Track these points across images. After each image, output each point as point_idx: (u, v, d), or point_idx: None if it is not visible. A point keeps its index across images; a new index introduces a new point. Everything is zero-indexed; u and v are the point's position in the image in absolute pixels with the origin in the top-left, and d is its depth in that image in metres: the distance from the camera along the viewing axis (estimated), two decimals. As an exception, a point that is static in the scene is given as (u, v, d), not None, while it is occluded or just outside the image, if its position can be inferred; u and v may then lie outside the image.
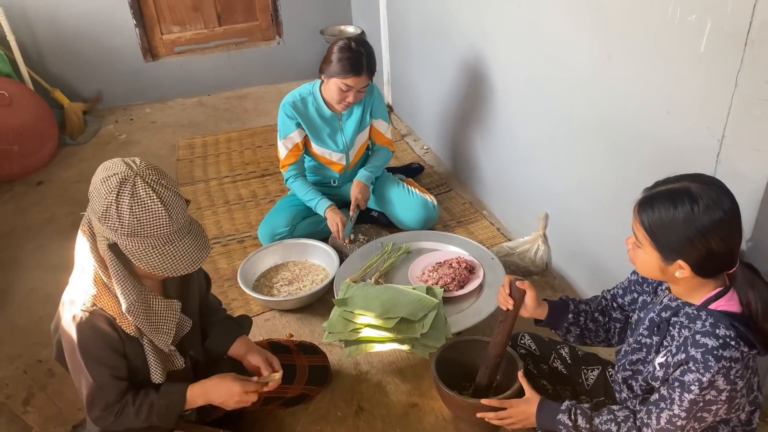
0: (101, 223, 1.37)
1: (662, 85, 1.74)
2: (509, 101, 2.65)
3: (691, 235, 1.26)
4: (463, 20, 2.89)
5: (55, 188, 3.50)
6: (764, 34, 1.38)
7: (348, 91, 2.54)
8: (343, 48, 2.49)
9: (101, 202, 1.35)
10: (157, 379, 1.54)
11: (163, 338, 1.52)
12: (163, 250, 1.39)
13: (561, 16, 2.15)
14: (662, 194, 1.31)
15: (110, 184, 1.34)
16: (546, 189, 2.50)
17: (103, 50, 4.28)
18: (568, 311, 1.65)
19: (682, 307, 1.38)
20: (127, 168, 1.36)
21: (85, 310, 1.43)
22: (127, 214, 1.33)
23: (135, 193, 1.34)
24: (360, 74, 2.50)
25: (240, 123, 4.20)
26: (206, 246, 1.46)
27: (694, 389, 1.28)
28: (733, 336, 1.27)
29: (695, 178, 1.30)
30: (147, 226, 1.35)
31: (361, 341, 2.05)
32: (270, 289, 2.49)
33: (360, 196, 2.73)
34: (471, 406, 1.69)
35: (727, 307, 1.32)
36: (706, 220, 1.25)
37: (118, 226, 1.35)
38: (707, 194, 1.26)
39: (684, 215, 1.27)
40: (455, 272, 2.26)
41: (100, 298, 1.44)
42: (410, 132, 3.90)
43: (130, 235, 1.36)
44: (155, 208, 1.35)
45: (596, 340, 1.68)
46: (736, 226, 1.28)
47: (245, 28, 4.64)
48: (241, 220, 3.08)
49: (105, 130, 4.19)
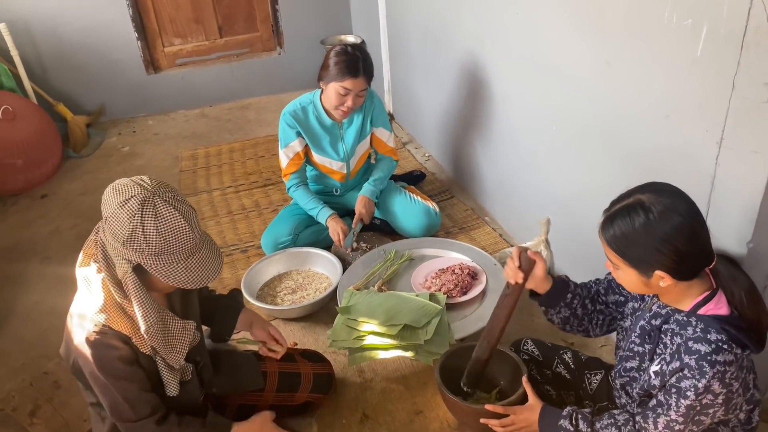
0: (125, 247, 1.37)
1: (661, 89, 1.75)
2: (510, 108, 2.66)
3: (656, 244, 1.28)
4: (462, 28, 2.91)
5: (59, 201, 3.53)
6: (760, 37, 1.39)
7: (346, 95, 2.55)
8: (339, 52, 2.52)
9: (124, 226, 1.35)
10: (172, 392, 1.55)
11: (176, 357, 1.54)
12: (187, 264, 1.41)
13: (559, 22, 2.16)
14: (618, 212, 1.34)
15: (131, 208, 1.35)
16: (548, 194, 2.50)
17: (105, 63, 4.32)
18: (567, 291, 1.63)
19: (671, 314, 1.39)
20: (141, 189, 1.37)
21: (96, 331, 1.44)
22: (153, 235, 1.36)
23: (158, 214, 1.36)
24: (357, 76, 2.51)
25: (242, 133, 4.23)
26: (220, 253, 1.51)
27: (690, 395, 1.29)
28: (725, 339, 1.28)
29: (645, 188, 1.33)
30: (173, 243, 1.38)
31: (365, 349, 2.05)
32: (274, 298, 2.50)
33: (364, 211, 2.73)
34: (475, 412, 1.69)
35: (715, 310, 1.33)
36: (665, 226, 1.27)
37: (144, 248, 1.37)
38: (659, 201, 1.28)
39: (643, 227, 1.29)
40: (458, 278, 2.27)
41: (112, 320, 1.44)
42: (411, 140, 3.92)
43: (157, 254, 1.38)
44: (179, 225, 1.38)
45: (578, 328, 1.66)
46: (698, 224, 1.29)
47: (246, 39, 4.67)
48: (244, 229, 3.09)
49: (108, 143, 4.22)
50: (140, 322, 1.44)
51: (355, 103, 2.59)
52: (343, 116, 2.65)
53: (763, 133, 1.45)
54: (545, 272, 1.60)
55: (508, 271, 1.61)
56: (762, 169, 1.48)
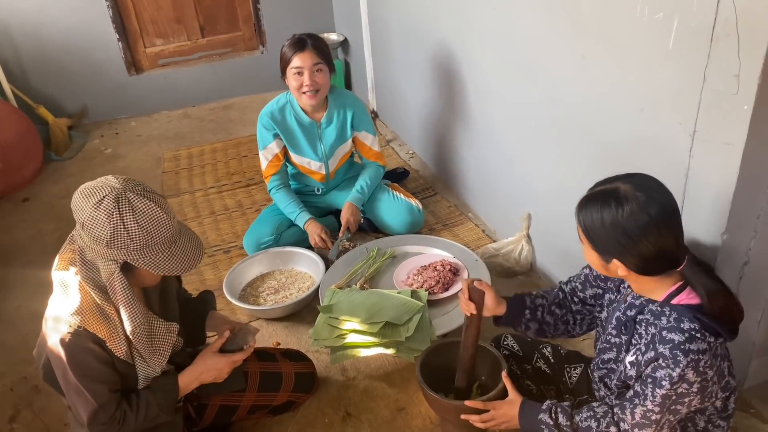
0: (110, 248, 1.38)
1: (635, 83, 1.76)
2: (491, 104, 2.67)
3: (619, 238, 1.29)
4: (443, 25, 2.91)
5: (41, 205, 3.50)
6: (729, 29, 1.40)
7: (301, 74, 2.54)
8: (288, 39, 2.59)
9: (104, 227, 1.36)
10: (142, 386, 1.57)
11: (159, 359, 1.55)
12: (170, 252, 1.44)
13: (536, 18, 2.16)
14: (596, 195, 1.35)
15: (107, 208, 1.36)
16: (529, 190, 2.51)
17: (86, 65, 4.29)
18: (525, 307, 1.67)
19: (646, 304, 1.40)
20: (111, 188, 1.38)
21: (71, 332, 1.43)
22: (135, 229, 1.37)
23: (135, 208, 1.38)
24: (303, 49, 2.53)
25: (225, 133, 4.21)
26: (198, 237, 1.54)
27: (665, 384, 1.30)
28: (698, 328, 1.29)
29: (629, 179, 1.33)
30: (155, 233, 1.40)
31: (347, 347, 2.05)
32: (256, 299, 2.49)
33: (352, 219, 2.72)
34: (455, 408, 1.70)
35: (688, 300, 1.34)
36: (632, 224, 1.28)
37: (129, 244, 1.38)
38: (635, 198, 1.28)
39: (610, 218, 1.30)
40: (439, 275, 2.27)
41: (88, 320, 1.43)
42: (395, 137, 3.92)
43: (142, 248, 1.40)
44: (156, 214, 1.40)
45: (556, 333, 1.70)
46: (666, 229, 1.29)
47: (228, 38, 4.65)
48: (227, 230, 3.08)
49: (90, 145, 4.18)
50: (126, 324, 1.44)
51: (314, 80, 2.55)
52: (311, 99, 2.59)
53: (735, 125, 1.46)
54: (496, 299, 1.65)
55: (462, 304, 1.67)
56: (734, 161, 1.49)
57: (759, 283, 1.71)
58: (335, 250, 2.64)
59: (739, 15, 1.37)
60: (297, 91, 2.59)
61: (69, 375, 1.46)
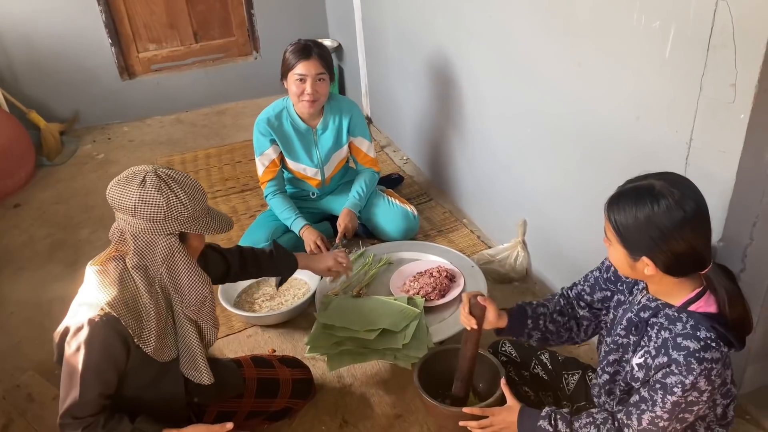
0: (167, 221, 1.45)
1: (631, 91, 1.77)
2: (486, 110, 2.68)
3: (653, 234, 1.28)
4: (438, 32, 2.92)
5: (32, 210, 3.47)
6: (725, 39, 1.41)
7: (304, 82, 2.54)
8: (292, 44, 2.58)
9: (159, 202, 1.43)
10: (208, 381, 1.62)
11: (212, 334, 1.63)
12: (211, 214, 1.55)
13: (531, 25, 2.18)
14: (628, 191, 1.33)
15: (154, 184, 1.43)
16: (524, 196, 2.52)
17: (78, 70, 4.26)
18: (527, 317, 1.66)
19: (661, 308, 1.39)
20: (144, 170, 1.46)
21: (102, 315, 1.45)
22: (184, 197, 1.46)
23: (174, 179, 1.46)
24: (309, 58, 2.52)
25: (219, 139, 4.20)
26: None
27: (677, 391, 1.29)
28: (714, 337, 1.28)
29: (662, 176, 1.32)
30: (198, 198, 1.49)
31: (344, 354, 2.05)
32: (252, 305, 2.48)
33: (349, 225, 2.71)
34: (453, 415, 1.69)
35: (705, 308, 1.33)
36: (667, 220, 1.26)
37: (183, 211, 1.46)
38: (670, 194, 1.27)
39: (645, 214, 1.28)
40: (436, 281, 2.27)
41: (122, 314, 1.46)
42: (390, 143, 3.92)
43: (194, 213, 1.48)
44: (192, 182, 1.50)
45: (559, 341, 1.69)
46: (700, 226, 1.29)
47: (222, 44, 4.64)
48: (221, 235, 3.04)
49: (83, 151, 4.16)
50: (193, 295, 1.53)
51: (316, 89, 2.56)
52: (309, 107, 2.60)
53: (731, 133, 1.47)
54: (496, 313, 1.65)
55: (462, 318, 1.67)
56: (730, 169, 1.51)
57: (755, 290, 1.72)
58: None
59: (736, 24, 1.38)
60: (296, 97, 2.59)
61: (76, 357, 1.45)
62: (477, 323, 1.64)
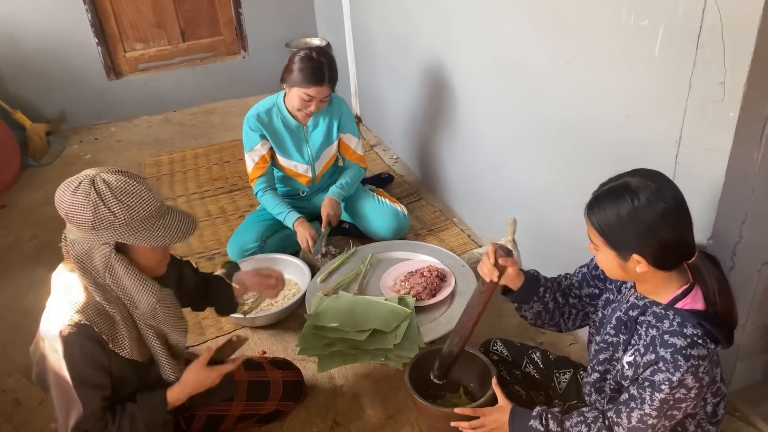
0: (96, 230, 1.38)
1: (620, 89, 1.77)
2: (475, 109, 2.67)
3: (639, 229, 1.28)
4: (426, 31, 2.91)
5: (19, 212, 3.43)
6: (714, 37, 1.41)
7: (310, 101, 2.53)
8: (304, 58, 2.49)
9: (86, 209, 1.36)
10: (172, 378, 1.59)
11: (180, 337, 1.58)
12: (161, 223, 1.44)
13: (521, 24, 2.17)
14: (605, 193, 1.34)
15: (84, 190, 1.37)
16: (514, 194, 2.52)
17: (65, 70, 4.22)
18: (539, 286, 1.62)
19: (649, 306, 1.39)
20: (84, 175, 1.40)
21: (72, 325, 1.42)
22: (116, 205, 1.37)
23: (110, 185, 1.38)
24: (322, 84, 2.49)
25: (207, 138, 4.17)
26: (186, 212, 1.53)
27: (664, 389, 1.29)
28: (700, 334, 1.29)
29: (635, 173, 1.34)
30: (138, 206, 1.40)
31: (335, 355, 2.04)
32: (241, 306, 2.46)
33: (332, 213, 2.70)
34: (445, 415, 1.69)
35: (692, 305, 1.34)
36: (650, 212, 1.27)
37: (113, 220, 1.38)
38: (647, 187, 1.28)
39: (627, 210, 1.29)
40: (427, 281, 2.27)
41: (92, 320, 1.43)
42: (379, 142, 3.91)
43: (128, 222, 1.39)
44: (134, 188, 1.40)
45: (550, 322, 1.67)
46: (682, 214, 1.30)
47: (210, 43, 4.61)
48: (210, 236, 3.04)
49: (69, 151, 4.12)
50: (142, 302, 1.46)
51: (318, 108, 2.59)
52: (306, 118, 2.63)
53: (720, 132, 1.48)
54: (518, 269, 1.60)
55: (484, 268, 1.60)
56: (720, 167, 1.51)
57: (744, 288, 1.73)
58: (319, 247, 2.62)
59: (725, 23, 1.38)
60: (296, 108, 2.58)
61: (63, 374, 1.43)
62: (499, 276, 1.58)
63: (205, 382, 1.64)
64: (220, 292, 1.91)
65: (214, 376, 1.65)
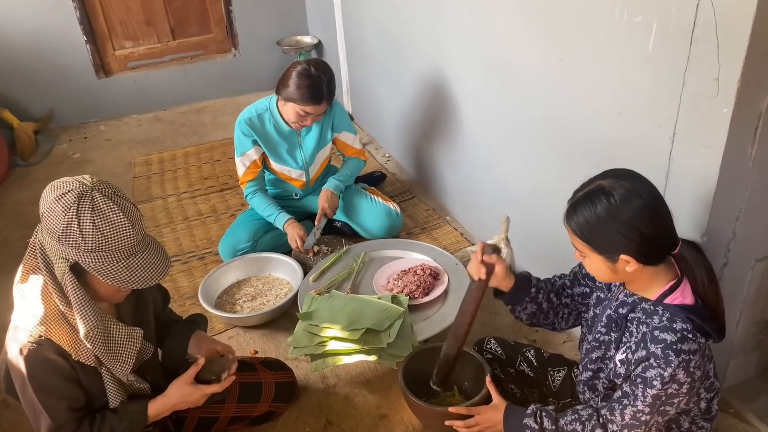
0: (60, 243, 1.31)
1: (613, 86, 1.76)
2: (467, 107, 2.66)
3: (620, 228, 1.29)
4: (418, 29, 2.90)
5: (6, 211, 3.39)
6: (708, 33, 1.41)
7: (306, 117, 2.51)
8: (302, 74, 2.42)
9: (59, 220, 1.29)
10: (113, 404, 1.49)
11: (122, 367, 1.46)
12: (128, 263, 1.35)
13: (512, 21, 2.16)
14: (581, 199, 1.34)
15: (67, 201, 1.29)
16: (507, 192, 2.51)
17: (53, 68, 4.18)
18: (531, 287, 1.62)
19: (638, 302, 1.39)
20: (80, 184, 1.32)
21: (32, 342, 1.37)
22: (89, 229, 1.29)
23: (95, 208, 1.30)
24: (320, 102, 2.47)
25: (198, 137, 4.14)
26: (167, 257, 1.44)
27: (656, 384, 1.29)
28: (690, 329, 1.29)
29: (606, 174, 1.35)
30: (111, 239, 1.32)
31: (328, 354, 2.02)
32: (233, 306, 2.44)
33: (327, 205, 2.68)
34: (438, 414, 1.68)
35: (681, 300, 1.34)
36: (627, 209, 1.28)
37: (80, 243, 1.30)
38: (620, 186, 1.29)
39: (605, 211, 1.29)
40: (420, 279, 2.25)
41: (52, 329, 1.37)
42: (371, 140, 3.90)
43: (94, 250, 1.31)
44: (118, 220, 1.32)
45: (544, 322, 1.67)
46: (660, 207, 1.31)
47: (200, 41, 4.58)
48: (201, 236, 3.02)
49: (58, 150, 4.08)
50: (79, 326, 1.37)
51: (315, 121, 2.57)
52: (300, 128, 2.61)
53: (714, 128, 1.47)
54: (506, 269, 1.59)
55: (472, 267, 1.60)
56: (713, 163, 1.51)
57: (737, 285, 1.73)
58: (312, 239, 2.61)
59: (718, 19, 1.38)
60: (291, 121, 2.56)
61: (27, 389, 1.39)
62: (486, 273, 1.57)
63: (187, 399, 1.58)
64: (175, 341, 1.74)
65: (198, 396, 1.59)
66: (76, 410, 1.45)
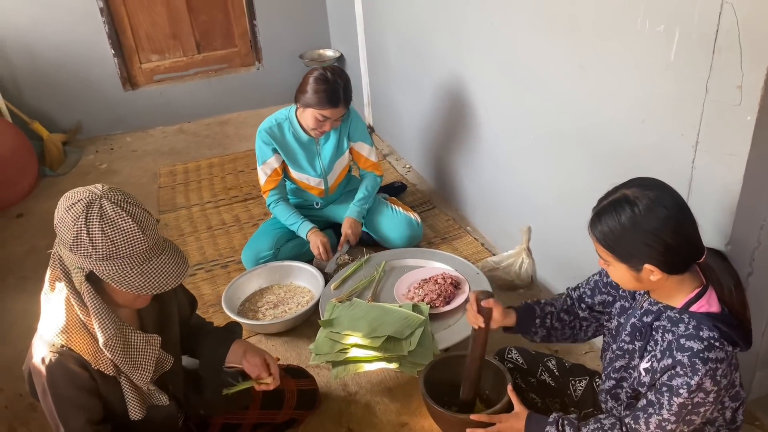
0: (73, 253, 1.32)
1: (636, 94, 1.77)
2: (488, 117, 2.67)
3: (644, 238, 1.29)
4: (439, 39, 2.92)
5: (35, 220, 3.46)
6: (731, 41, 1.41)
7: (325, 121, 2.55)
8: (319, 79, 2.48)
9: (70, 230, 1.30)
10: (136, 416, 1.49)
11: (142, 375, 1.46)
12: (142, 269, 1.35)
13: (534, 29, 2.18)
14: (605, 208, 1.35)
15: (76, 211, 1.30)
16: (528, 202, 2.51)
17: (81, 81, 4.28)
18: (535, 317, 1.66)
19: (663, 311, 1.39)
20: (89, 193, 1.32)
21: (54, 351, 1.38)
22: (99, 237, 1.30)
23: (104, 215, 1.30)
24: (337, 105, 2.50)
25: (221, 149, 4.20)
26: (185, 260, 1.43)
27: (683, 393, 1.28)
28: (717, 337, 1.28)
29: (630, 183, 1.35)
30: (122, 246, 1.32)
31: (349, 361, 2.03)
32: (255, 313, 2.46)
33: (350, 232, 2.72)
34: (460, 421, 1.68)
35: (707, 308, 1.33)
36: (653, 220, 1.28)
37: (91, 252, 1.30)
38: (645, 195, 1.29)
39: (629, 221, 1.30)
40: (441, 288, 2.26)
41: (73, 338, 1.39)
42: (392, 151, 3.92)
43: (105, 258, 1.32)
44: (127, 226, 1.32)
45: (562, 338, 1.69)
46: (685, 216, 1.30)
47: (224, 54, 4.66)
48: (224, 244, 3.06)
49: (85, 161, 4.16)
50: (98, 335, 1.37)
51: (333, 126, 2.61)
52: (319, 136, 2.65)
53: (737, 136, 1.47)
54: (502, 313, 1.64)
55: (469, 316, 1.65)
56: (737, 171, 1.50)
57: (763, 294, 1.71)
58: (333, 264, 2.63)
59: (741, 26, 1.38)
60: (309, 127, 2.60)
61: (48, 398, 1.41)
62: (484, 321, 1.62)
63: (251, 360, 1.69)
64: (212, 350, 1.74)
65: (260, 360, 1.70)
66: (95, 423, 1.45)
